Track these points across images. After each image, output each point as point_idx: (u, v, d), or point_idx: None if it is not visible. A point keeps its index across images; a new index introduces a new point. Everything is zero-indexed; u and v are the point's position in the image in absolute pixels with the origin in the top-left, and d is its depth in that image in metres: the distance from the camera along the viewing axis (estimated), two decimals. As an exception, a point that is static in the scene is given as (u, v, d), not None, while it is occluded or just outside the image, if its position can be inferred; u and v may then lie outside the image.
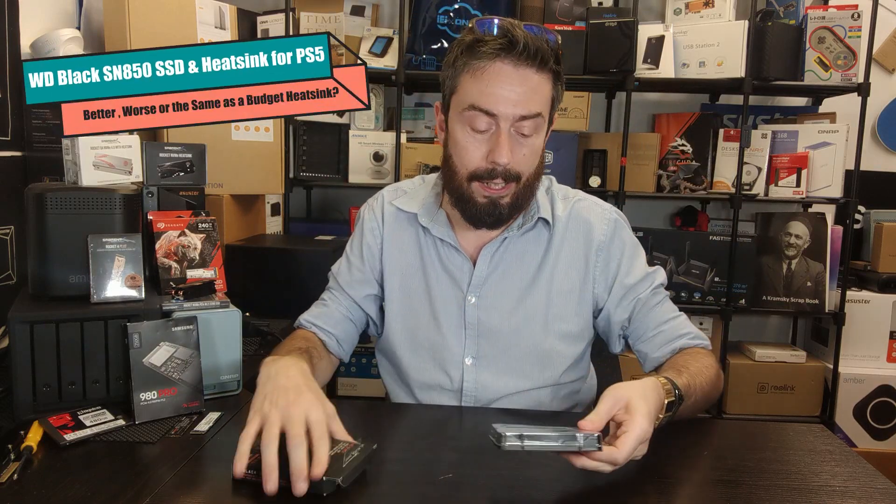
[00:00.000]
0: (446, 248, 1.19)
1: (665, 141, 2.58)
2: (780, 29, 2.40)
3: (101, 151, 1.37)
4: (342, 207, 2.85)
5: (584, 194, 1.24)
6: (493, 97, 1.03)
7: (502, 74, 1.03)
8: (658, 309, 1.16)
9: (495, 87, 1.03)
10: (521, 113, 1.04)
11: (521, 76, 1.03)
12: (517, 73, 1.03)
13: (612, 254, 1.18)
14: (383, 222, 1.24)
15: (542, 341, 1.16)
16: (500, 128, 1.04)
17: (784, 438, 1.06)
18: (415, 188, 1.26)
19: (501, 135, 1.04)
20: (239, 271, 1.81)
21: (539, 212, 1.16)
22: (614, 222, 1.19)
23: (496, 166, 1.05)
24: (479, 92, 1.04)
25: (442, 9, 2.45)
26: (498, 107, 1.03)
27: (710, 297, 2.50)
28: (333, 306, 1.23)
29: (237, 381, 1.16)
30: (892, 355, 2.55)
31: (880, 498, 0.85)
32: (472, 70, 1.05)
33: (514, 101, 1.03)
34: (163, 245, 1.23)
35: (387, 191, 1.29)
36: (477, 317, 1.17)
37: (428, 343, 1.19)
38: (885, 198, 2.72)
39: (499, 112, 1.03)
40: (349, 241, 1.29)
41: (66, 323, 1.03)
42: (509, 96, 1.03)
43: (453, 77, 1.08)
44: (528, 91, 1.03)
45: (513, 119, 1.04)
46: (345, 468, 0.81)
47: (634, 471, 0.91)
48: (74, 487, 0.82)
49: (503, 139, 1.04)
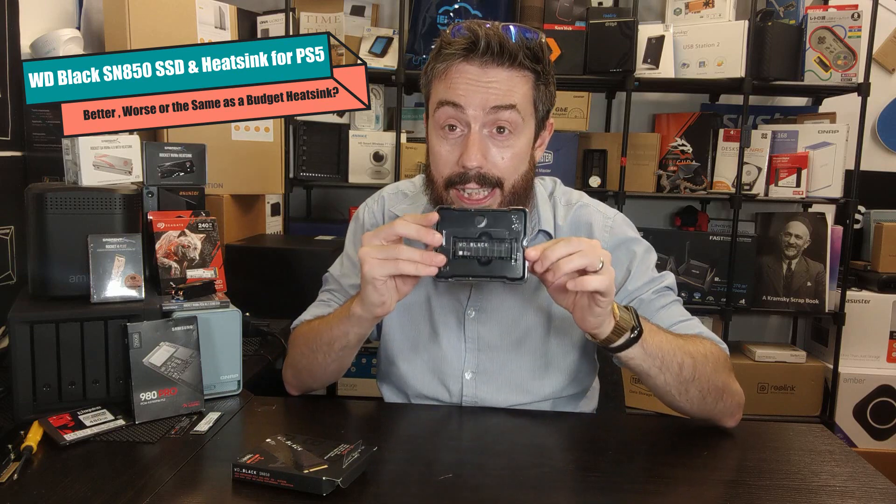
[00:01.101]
0: None
1: (665, 141, 2.58)
2: (780, 29, 2.40)
3: (101, 151, 1.37)
4: (342, 207, 2.85)
5: (588, 199, 1.20)
6: (458, 88, 1.01)
7: (468, 73, 1.00)
8: (664, 312, 1.11)
9: (461, 83, 1.01)
10: (492, 104, 1.00)
11: (488, 75, 1.00)
12: (483, 71, 1.00)
13: (617, 262, 1.12)
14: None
15: (542, 355, 1.14)
16: (471, 128, 1.01)
17: (784, 438, 1.06)
18: (416, 191, 1.24)
19: (471, 135, 1.01)
20: (239, 271, 1.80)
21: (540, 223, 1.14)
22: (618, 230, 1.16)
23: (467, 170, 1.01)
24: (445, 88, 1.02)
25: (442, 9, 2.45)
26: (463, 98, 1.00)
27: (710, 297, 2.50)
28: (336, 306, 1.21)
29: (237, 381, 1.16)
30: (892, 355, 2.55)
31: (880, 498, 0.85)
32: (440, 73, 1.03)
33: (481, 93, 1.00)
34: (163, 245, 1.23)
35: (388, 193, 1.26)
36: (477, 331, 1.15)
37: (427, 355, 1.17)
38: (885, 198, 2.72)
39: (464, 102, 1.00)
40: (349, 243, 1.26)
41: (66, 323, 1.03)
42: (475, 90, 1.00)
43: (427, 84, 1.07)
44: (496, 86, 1.00)
45: (482, 113, 1.00)
46: (345, 469, 0.81)
47: (635, 471, 0.91)
48: (74, 487, 0.82)
49: (472, 139, 1.01)
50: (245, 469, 0.82)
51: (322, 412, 1.15)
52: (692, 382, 1.01)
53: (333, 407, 1.12)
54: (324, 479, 0.79)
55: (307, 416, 1.15)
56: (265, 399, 1.15)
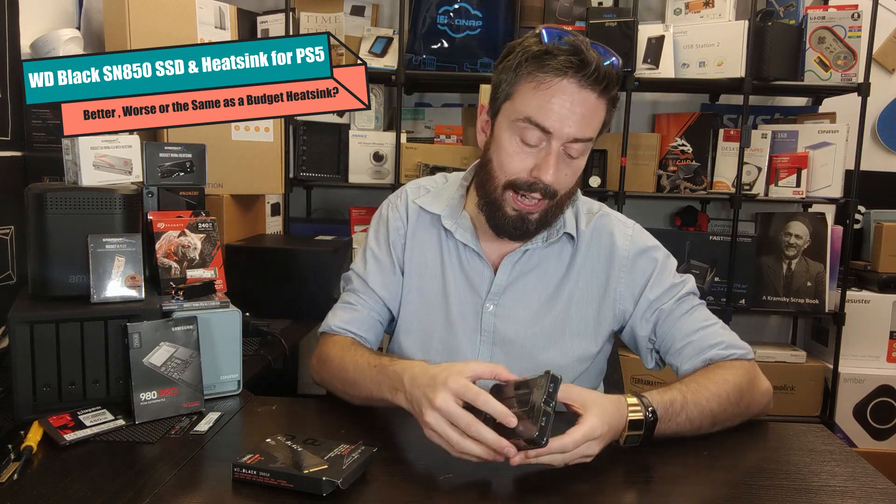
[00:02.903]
0: (468, 252, 1.17)
1: (665, 141, 2.58)
2: (780, 29, 2.40)
3: (101, 151, 1.37)
4: (342, 207, 2.85)
5: (608, 209, 1.23)
6: (552, 115, 1.01)
7: (566, 93, 1.01)
8: (686, 319, 1.12)
9: (557, 104, 1.01)
10: (576, 136, 1.03)
11: (583, 98, 1.01)
12: (580, 94, 1.01)
13: (638, 270, 1.15)
14: (407, 220, 1.22)
15: (556, 356, 1.15)
16: (552, 146, 1.03)
17: (784, 438, 1.06)
18: (438, 187, 1.24)
19: (552, 154, 1.03)
20: (239, 271, 1.80)
21: (565, 226, 1.16)
22: (638, 238, 1.18)
23: (538, 182, 1.04)
24: (538, 106, 1.02)
25: (442, 9, 2.45)
26: (555, 125, 1.02)
27: (710, 297, 2.50)
28: (363, 309, 1.20)
29: (237, 381, 1.16)
30: (892, 355, 2.55)
31: (880, 498, 0.85)
32: (537, 82, 1.02)
33: (572, 122, 1.02)
34: (163, 245, 1.23)
35: (410, 188, 1.26)
36: (494, 325, 1.16)
37: (441, 346, 1.17)
38: (885, 198, 2.72)
39: (554, 131, 1.02)
40: (372, 239, 1.24)
41: (66, 323, 1.03)
42: (568, 117, 1.01)
43: (511, 83, 1.05)
44: (586, 114, 1.02)
45: (566, 140, 1.03)
46: (345, 469, 0.81)
47: (634, 471, 0.91)
48: (74, 487, 0.82)
49: (552, 159, 1.03)
50: (245, 469, 0.82)
51: (322, 412, 1.15)
52: (722, 424, 1.03)
53: (333, 407, 1.12)
54: (324, 479, 0.79)
55: (307, 416, 1.15)
56: (265, 399, 1.15)
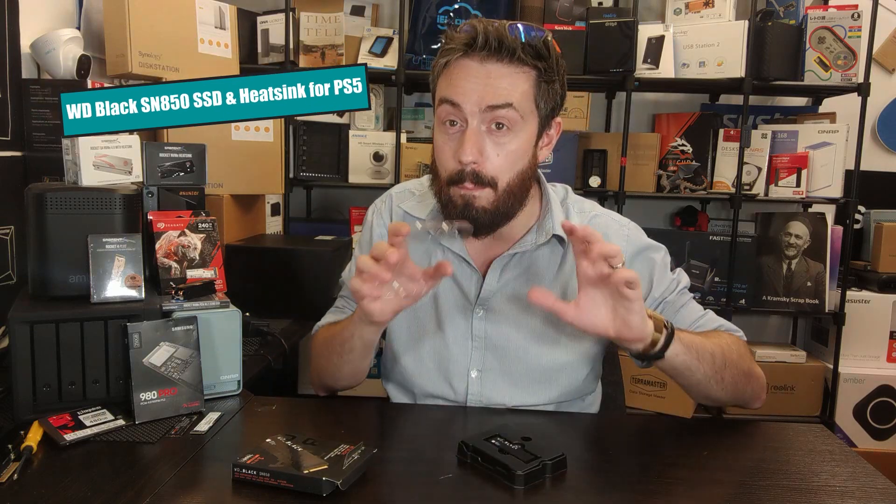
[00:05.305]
0: (455, 257, 1.16)
1: (665, 141, 2.58)
2: (780, 29, 2.40)
3: (101, 151, 1.37)
4: (342, 207, 2.85)
5: (601, 209, 1.21)
6: (458, 88, 1.01)
7: (467, 69, 1.01)
8: (685, 310, 1.14)
9: (460, 79, 1.01)
10: (488, 102, 1.00)
11: (487, 70, 1.01)
12: (483, 67, 1.01)
13: (638, 269, 1.13)
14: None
15: (550, 360, 1.14)
16: (469, 123, 1.02)
17: (784, 438, 1.06)
18: (423, 190, 1.24)
19: (467, 131, 1.02)
20: (239, 271, 1.80)
21: (554, 228, 1.13)
22: (634, 237, 1.17)
23: (463, 166, 1.02)
24: (447, 85, 1.03)
25: (442, 9, 2.45)
26: (461, 96, 1.01)
27: (710, 297, 2.50)
28: (349, 312, 1.20)
29: (237, 381, 1.16)
30: (892, 355, 2.55)
31: (880, 498, 0.85)
32: (442, 69, 1.05)
33: (477, 89, 1.00)
34: (163, 245, 1.23)
35: (395, 192, 1.27)
36: (484, 329, 1.15)
37: (433, 352, 1.17)
38: (885, 198, 2.72)
39: (461, 101, 1.01)
40: (356, 246, 1.27)
41: (66, 323, 1.03)
42: (474, 87, 1.01)
43: (433, 82, 1.08)
44: (492, 81, 1.00)
45: (479, 110, 1.01)
46: (345, 470, 0.81)
47: (634, 471, 0.91)
48: (74, 487, 0.82)
49: (468, 134, 1.01)
50: (245, 469, 0.82)
51: (322, 412, 1.15)
52: (725, 370, 1.04)
53: (333, 407, 1.12)
54: (324, 479, 0.79)
55: (307, 416, 1.15)
56: (265, 399, 1.15)
